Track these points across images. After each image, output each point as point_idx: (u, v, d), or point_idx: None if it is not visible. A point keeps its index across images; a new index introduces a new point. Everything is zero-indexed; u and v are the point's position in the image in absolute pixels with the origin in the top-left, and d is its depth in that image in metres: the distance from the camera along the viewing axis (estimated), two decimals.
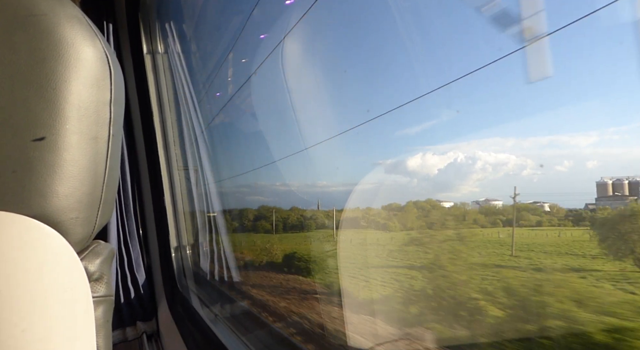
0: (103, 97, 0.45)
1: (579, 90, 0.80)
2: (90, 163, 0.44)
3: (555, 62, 0.77)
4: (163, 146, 2.05)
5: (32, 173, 0.40)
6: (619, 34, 0.68)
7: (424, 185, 1.31)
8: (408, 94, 1.18)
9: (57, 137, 0.41)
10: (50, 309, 0.38)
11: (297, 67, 1.57)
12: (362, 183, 1.40)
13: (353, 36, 1.48)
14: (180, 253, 2.11)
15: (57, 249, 0.40)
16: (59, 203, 0.42)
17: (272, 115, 1.96)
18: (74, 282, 0.41)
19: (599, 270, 0.95)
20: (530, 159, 0.97)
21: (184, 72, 1.95)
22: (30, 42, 0.40)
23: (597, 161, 0.85)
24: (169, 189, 2.07)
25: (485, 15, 0.90)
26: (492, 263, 1.21)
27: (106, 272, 0.49)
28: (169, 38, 2.02)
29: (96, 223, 0.47)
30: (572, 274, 1.01)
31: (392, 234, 1.58)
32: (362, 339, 1.26)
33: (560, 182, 0.91)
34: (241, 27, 1.92)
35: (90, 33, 0.44)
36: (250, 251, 2.66)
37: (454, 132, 1.09)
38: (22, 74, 0.40)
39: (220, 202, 2.01)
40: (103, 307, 0.48)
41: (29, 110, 0.40)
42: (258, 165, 2.13)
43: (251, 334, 1.57)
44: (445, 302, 1.23)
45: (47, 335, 0.37)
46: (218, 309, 1.85)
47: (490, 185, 1.10)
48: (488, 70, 0.89)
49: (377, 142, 1.48)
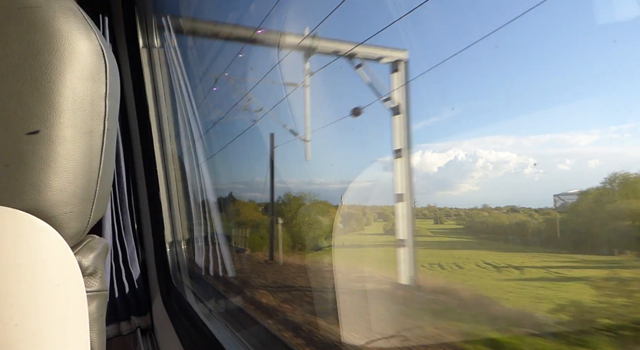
0: (98, 90, 0.44)
1: (580, 90, 0.80)
2: (85, 157, 0.44)
3: (555, 61, 0.78)
4: (159, 140, 2.04)
5: (25, 167, 0.40)
6: (619, 33, 0.68)
7: (423, 183, 1.31)
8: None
9: (51, 131, 0.40)
10: (44, 303, 0.37)
11: (293, 62, 1.57)
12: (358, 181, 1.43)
13: (350, 29, 1.48)
14: (175, 248, 2.11)
15: (50, 244, 0.40)
16: (53, 197, 0.41)
17: (267, 109, 1.96)
18: (67, 277, 0.41)
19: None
20: (531, 158, 0.98)
21: (180, 66, 1.94)
22: (24, 34, 0.40)
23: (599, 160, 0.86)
24: (165, 184, 2.07)
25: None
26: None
27: (100, 266, 0.49)
28: (165, 32, 2.01)
29: (90, 217, 0.47)
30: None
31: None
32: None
33: (560, 182, 0.92)
34: (238, 20, 1.91)
35: (85, 26, 0.43)
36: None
37: (454, 129, 1.10)
38: (15, 67, 0.39)
39: (216, 197, 2.00)
40: (97, 302, 0.48)
41: (22, 104, 0.39)
42: (254, 161, 2.13)
43: (246, 330, 1.57)
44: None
45: (41, 329, 0.37)
46: (213, 305, 1.86)
47: (491, 184, 1.11)
48: (488, 70, 0.89)
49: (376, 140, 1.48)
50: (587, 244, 0.92)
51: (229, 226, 2.53)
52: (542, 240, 1.06)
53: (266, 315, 1.92)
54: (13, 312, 0.35)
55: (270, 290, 2.25)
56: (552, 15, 0.79)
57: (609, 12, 0.70)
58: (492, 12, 0.96)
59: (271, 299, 2.10)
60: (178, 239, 2.13)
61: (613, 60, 0.72)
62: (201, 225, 2.08)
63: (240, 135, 2.19)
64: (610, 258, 0.82)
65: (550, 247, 1.05)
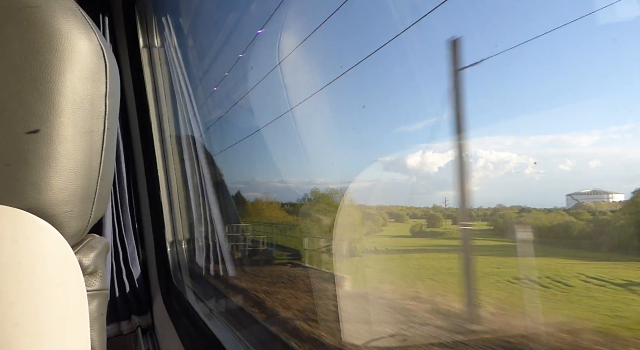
0: (98, 90, 0.44)
1: (579, 89, 0.80)
2: (85, 156, 0.44)
3: (555, 60, 0.78)
4: (159, 140, 2.04)
5: (26, 166, 0.40)
6: (619, 33, 0.68)
7: (424, 183, 1.31)
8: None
9: (51, 130, 0.41)
10: (44, 302, 0.37)
11: (293, 62, 1.57)
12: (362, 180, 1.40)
13: (348, 31, 1.48)
14: (175, 247, 2.11)
15: (51, 243, 0.40)
16: (54, 196, 0.41)
17: (269, 109, 1.95)
18: (68, 276, 0.41)
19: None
20: (532, 158, 0.97)
21: (180, 66, 1.94)
22: (25, 34, 0.40)
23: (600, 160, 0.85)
24: (165, 183, 2.07)
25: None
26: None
27: (101, 265, 0.49)
28: (165, 31, 2.01)
29: (91, 216, 0.47)
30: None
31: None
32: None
33: (561, 182, 0.91)
34: (238, 20, 1.91)
35: (85, 26, 0.43)
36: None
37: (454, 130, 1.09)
38: (16, 66, 0.39)
39: (216, 196, 2.00)
40: (97, 301, 0.48)
41: (23, 103, 0.40)
42: (254, 160, 2.12)
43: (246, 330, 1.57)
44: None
45: (41, 329, 0.37)
46: (213, 304, 1.86)
47: (491, 184, 1.10)
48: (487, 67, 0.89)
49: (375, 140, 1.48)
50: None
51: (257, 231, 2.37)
52: (611, 245, 0.84)
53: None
54: (13, 311, 0.35)
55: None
56: (553, 15, 0.79)
57: (611, 12, 0.70)
58: (493, 12, 0.96)
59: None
60: (178, 238, 2.13)
61: (614, 60, 0.72)
62: (202, 224, 2.08)
63: (240, 132, 2.18)
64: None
65: (634, 253, 0.80)
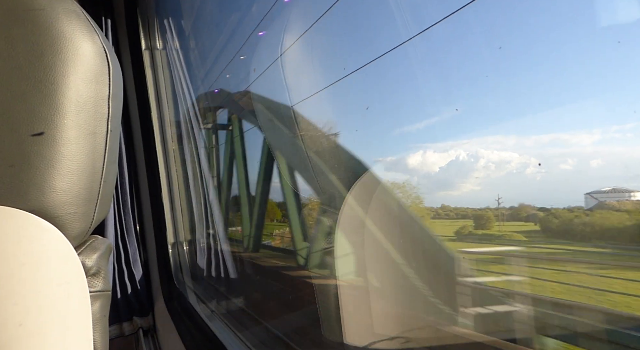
0: (101, 92, 0.45)
1: (582, 90, 0.80)
2: (89, 158, 0.44)
3: (555, 60, 0.78)
4: (161, 142, 2.05)
5: (30, 168, 0.40)
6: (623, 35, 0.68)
7: (424, 182, 1.30)
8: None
9: (55, 132, 0.41)
10: (47, 303, 0.38)
11: (296, 63, 1.57)
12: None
13: (351, 32, 1.48)
14: (177, 249, 2.12)
15: (54, 244, 0.40)
16: (57, 198, 0.42)
17: (271, 111, 1.95)
18: (71, 277, 0.41)
19: None
20: (533, 158, 0.97)
21: (182, 68, 1.95)
22: (28, 36, 0.40)
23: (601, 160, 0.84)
24: (167, 185, 2.07)
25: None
26: None
27: (103, 267, 0.49)
28: (168, 34, 2.02)
29: (94, 218, 0.47)
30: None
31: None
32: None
33: (562, 182, 0.91)
34: (240, 22, 1.91)
35: (88, 28, 0.44)
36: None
37: (455, 130, 1.09)
38: (20, 68, 0.40)
39: (217, 198, 2.01)
40: (100, 302, 0.48)
41: (27, 105, 0.40)
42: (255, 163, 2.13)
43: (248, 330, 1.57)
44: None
45: (44, 329, 0.37)
46: (214, 305, 1.86)
47: (492, 184, 1.10)
48: (486, 67, 0.89)
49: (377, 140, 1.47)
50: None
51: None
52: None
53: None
54: (17, 311, 0.36)
55: None
56: (554, 15, 0.79)
57: (613, 13, 0.70)
58: (495, 12, 0.96)
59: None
60: (180, 239, 2.13)
61: (615, 60, 0.72)
62: (203, 226, 2.08)
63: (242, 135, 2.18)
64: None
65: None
